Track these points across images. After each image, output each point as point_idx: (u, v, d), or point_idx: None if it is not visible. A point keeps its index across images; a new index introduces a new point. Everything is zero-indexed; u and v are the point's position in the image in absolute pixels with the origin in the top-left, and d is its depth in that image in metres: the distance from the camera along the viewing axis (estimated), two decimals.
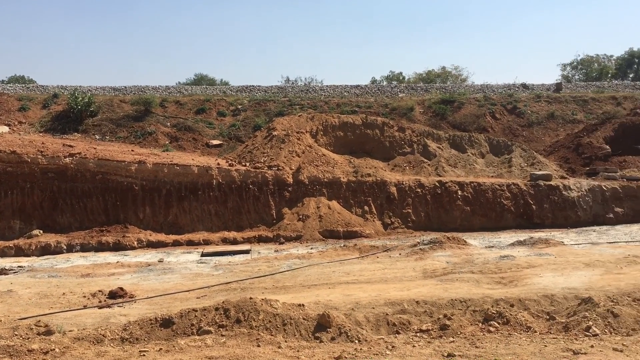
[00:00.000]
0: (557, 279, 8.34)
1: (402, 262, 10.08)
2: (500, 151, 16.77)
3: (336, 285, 8.56)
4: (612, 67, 39.40)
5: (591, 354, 4.66)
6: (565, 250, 10.71)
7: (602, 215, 14.38)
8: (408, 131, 16.91)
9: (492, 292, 7.76)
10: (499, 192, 14.39)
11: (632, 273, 8.70)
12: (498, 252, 10.53)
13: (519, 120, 20.09)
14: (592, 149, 17.06)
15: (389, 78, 36.89)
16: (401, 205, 14.16)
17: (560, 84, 25.30)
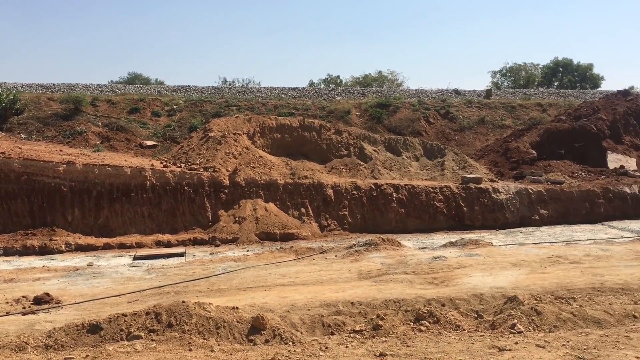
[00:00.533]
0: (486, 279, 8.62)
1: (338, 263, 10.16)
2: (434, 155, 17.19)
3: (272, 287, 8.53)
4: (539, 75, 41.24)
5: (515, 350, 4.86)
6: (494, 250, 11.08)
7: (529, 217, 14.97)
8: (345, 134, 17.07)
9: (425, 292, 7.95)
10: (433, 194, 14.74)
11: (555, 272, 9.11)
12: (431, 253, 10.79)
13: (451, 125, 20.69)
14: (520, 154, 17.75)
15: (327, 81, 37.20)
16: (338, 207, 14.27)
17: (490, 90, 26.24)
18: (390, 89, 28.56)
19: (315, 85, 35.10)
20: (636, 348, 5.17)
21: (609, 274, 8.89)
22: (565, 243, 12.19)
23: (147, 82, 33.32)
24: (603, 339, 5.39)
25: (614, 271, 9.07)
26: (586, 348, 5.10)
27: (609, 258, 10.18)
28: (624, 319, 6.13)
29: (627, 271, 9.06)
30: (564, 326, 5.86)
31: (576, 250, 11.08)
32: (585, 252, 10.80)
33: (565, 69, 40.89)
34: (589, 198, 15.48)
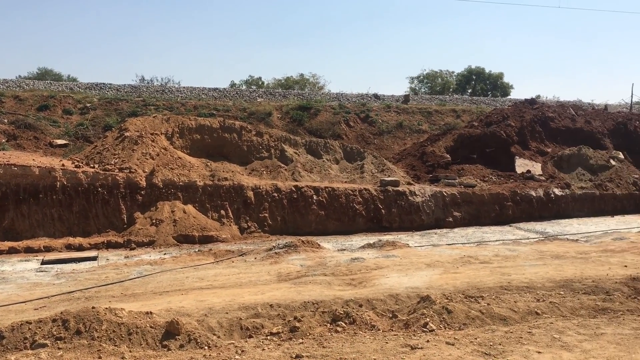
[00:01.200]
0: (402, 279, 8.84)
1: (257, 266, 10.11)
2: (354, 158, 17.46)
3: (189, 291, 8.36)
4: (454, 82, 42.90)
5: (426, 348, 5.02)
6: (410, 252, 11.39)
7: (443, 219, 15.50)
8: (266, 136, 17.02)
9: (343, 293, 8.05)
10: (352, 197, 14.96)
11: (467, 272, 9.48)
12: (350, 255, 10.94)
13: (371, 129, 21.11)
14: (435, 158, 18.37)
15: (248, 82, 36.97)
16: (258, 209, 14.21)
17: (408, 95, 27.01)
18: (312, 92, 28.78)
19: (236, 86, 34.81)
20: (537, 343, 5.49)
21: (516, 273, 9.35)
22: (477, 244, 12.72)
23: (58, 78, 31.83)
24: (508, 335, 5.69)
25: (520, 270, 9.55)
26: (492, 344, 5.37)
27: (515, 258, 10.70)
28: (528, 316, 6.48)
29: (531, 270, 9.56)
30: (473, 324, 6.12)
31: (486, 250, 11.58)
32: (495, 252, 11.31)
33: (478, 77, 42.82)
34: (499, 201, 16.23)
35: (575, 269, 9.64)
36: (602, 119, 22.37)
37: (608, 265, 9.96)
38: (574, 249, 11.71)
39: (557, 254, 11.09)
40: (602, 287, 8.48)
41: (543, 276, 9.11)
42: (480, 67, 43.10)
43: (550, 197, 16.82)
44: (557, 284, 8.60)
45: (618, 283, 8.69)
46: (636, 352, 5.34)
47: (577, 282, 8.75)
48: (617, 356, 5.23)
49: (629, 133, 21.63)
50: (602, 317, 6.57)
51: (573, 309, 6.78)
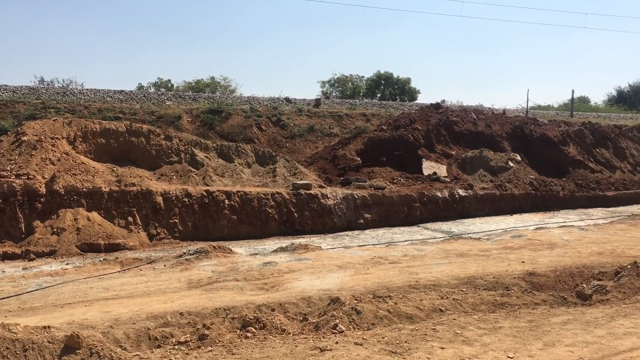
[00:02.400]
0: (314, 282, 8.93)
1: (166, 273, 9.85)
2: (266, 161, 17.41)
3: (94, 302, 8.02)
4: (364, 86, 43.84)
5: (335, 350, 5.10)
6: (322, 254, 11.51)
7: (354, 221, 15.77)
8: (175, 140, 16.63)
9: (255, 298, 8.02)
10: (264, 200, 14.91)
11: (377, 272, 9.71)
12: (262, 259, 10.90)
13: (282, 132, 21.13)
14: (346, 161, 18.67)
15: (157, 85, 35.98)
16: (168, 215, 13.84)
17: (319, 99, 27.30)
18: (223, 95, 28.42)
19: (144, 88, 33.73)
20: (441, 339, 5.71)
21: (423, 272, 9.69)
22: (387, 245, 13.05)
23: None
24: (414, 332, 5.89)
25: (427, 269, 9.91)
26: (399, 342, 5.53)
27: (423, 257, 11.09)
28: (432, 313, 6.73)
29: (438, 269, 9.95)
30: (381, 323, 6.27)
31: (395, 251, 11.91)
32: (404, 252, 11.66)
33: (387, 82, 44.02)
34: (407, 202, 16.73)
35: (477, 266, 10.12)
36: (501, 123, 23.64)
37: (507, 262, 10.54)
38: (476, 247, 12.29)
39: (461, 252, 11.59)
40: (502, 282, 8.97)
41: (448, 274, 9.51)
42: (389, 72, 44.32)
43: (455, 198, 17.54)
44: (461, 281, 9.00)
45: (516, 278, 9.23)
46: (530, 343, 5.68)
47: (480, 278, 9.20)
48: (514, 348, 5.54)
49: (525, 136, 22.98)
50: (501, 312, 6.94)
51: (474, 305, 7.12)
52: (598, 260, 10.58)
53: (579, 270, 9.73)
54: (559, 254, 11.37)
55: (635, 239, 12.95)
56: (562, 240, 12.88)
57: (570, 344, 5.67)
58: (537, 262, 10.46)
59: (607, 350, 5.50)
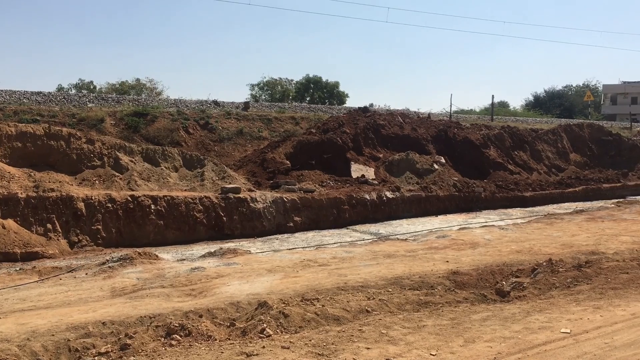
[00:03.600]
0: (243, 286, 8.85)
1: (88, 282, 9.49)
2: (194, 165, 17.13)
3: (9, 314, 7.61)
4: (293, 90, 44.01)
5: (262, 354, 5.08)
6: (251, 258, 11.44)
7: (284, 224, 15.78)
8: (98, 143, 16.06)
9: (183, 304, 7.86)
10: (192, 205, 14.66)
11: (307, 275, 9.75)
12: (190, 265, 10.71)
13: (211, 136, 20.86)
14: (275, 164, 18.65)
15: (78, 86, 34.67)
16: (90, 221, 13.35)
17: (248, 103, 27.13)
18: (149, 98, 27.75)
19: (64, 90, 32.42)
20: (367, 340, 5.81)
21: (352, 273, 9.81)
22: (316, 247, 13.13)
23: None
24: (340, 334, 5.95)
25: (355, 271, 10.04)
26: (325, 344, 5.58)
27: (352, 259, 11.22)
28: (359, 314, 6.83)
29: (366, 270, 10.10)
30: (308, 326, 6.31)
31: (325, 253, 12.00)
32: (333, 254, 11.76)
33: (316, 86, 44.39)
34: (336, 205, 16.90)
35: (404, 267, 10.35)
36: (426, 127, 24.32)
37: (433, 262, 10.84)
38: (403, 247, 12.56)
39: (388, 253, 11.82)
40: (428, 282, 9.21)
41: (376, 275, 9.66)
42: (318, 76, 44.72)
43: (383, 200, 17.87)
44: (388, 282, 9.17)
45: (441, 277, 9.50)
46: (452, 340, 5.87)
47: (406, 278, 9.40)
48: (436, 345, 5.70)
49: (449, 139, 23.74)
50: (425, 311, 7.14)
51: (400, 305, 7.28)
52: (517, 258, 11.04)
53: (499, 268, 10.11)
54: (481, 252, 11.79)
55: (551, 237, 13.62)
56: (483, 240, 13.37)
57: (489, 339, 5.90)
58: (460, 261, 10.79)
59: (523, 344, 5.76)
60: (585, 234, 14.13)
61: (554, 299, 7.71)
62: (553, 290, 8.24)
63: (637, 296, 7.82)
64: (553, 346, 5.73)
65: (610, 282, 8.53)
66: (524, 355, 5.46)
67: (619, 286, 8.31)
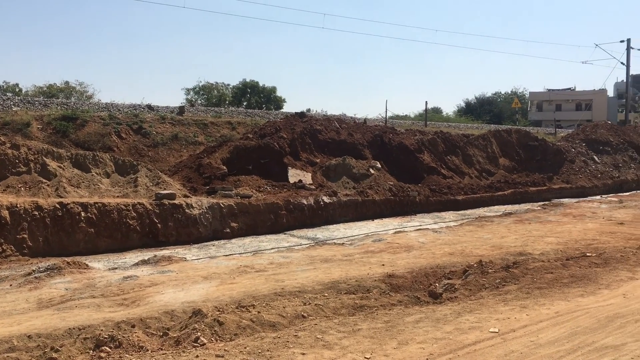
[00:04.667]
0: (178, 294, 8.69)
1: (13, 294, 9.06)
2: (127, 171, 16.67)
3: None
4: (230, 94, 43.64)
5: None
6: (187, 265, 11.25)
7: (221, 230, 15.60)
8: (24, 149, 15.37)
9: (114, 314, 7.63)
10: (125, 212, 14.27)
11: (244, 282, 9.67)
12: (122, 273, 10.41)
13: (144, 141, 20.40)
14: (212, 169, 18.42)
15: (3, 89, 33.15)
16: (15, 230, 12.75)
17: (183, 107, 26.71)
18: (79, 101, 26.85)
19: None
20: (302, 345, 5.82)
21: (289, 278, 9.80)
22: (253, 253, 13.05)
23: None
24: (276, 340, 5.94)
25: (292, 276, 10.04)
26: (261, 351, 5.55)
27: (289, 264, 11.22)
28: (295, 320, 6.84)
29: (303, 275, 10.12)
30: (244, 333, 6.26)
31: (262, 259, 11.94)
32: (270, 260, 11.72)
33: (253, 91, 44.18)
34: (274, 210, 16.85)
35: (341, 271, 10.44)
36: (363, 132, 24.65)
37: (369, 265, 10.98)
38: (340, 252, 12.67)
39: (326, 257, 11.89)
40: (364, 285, 9.32)
41: (313, 280, 9.70)
42: (255, 81, 44.52)
43: (320, 205, 17.97)
44: (325, 286, 9.22)
45: (377, 281, 9.64)
46: (386, 343, 5.97)
47: (343, 282, 9.48)
48: (371, 349, 5.79)
49: (385, 144, 24.15)
50: (360, 314, 7.23)
51: (335, 309, 7.34)
52: (449, 260, 11.34)
53: (433, 270, 10.36)
54: (416, 255, 12.04)
55: (482, 239, 14.08)
56: (418, 243, 13.66)
57: (422, 341, 6.03)
58: (396, 265, 10.98)
59: (454, 345, 5.93)
60: (514, 235, 14.68)
61: (484, 300, 7.97)
62: (483, 291, 8.52)
63: (561, 295, 8.20)
64: (482, 345, 5.92)
65: (536, 282, 8.91)
66: (454, 356, 5.62)
67: (544, 286, 8.69)
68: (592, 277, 9.30)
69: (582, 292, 8.39)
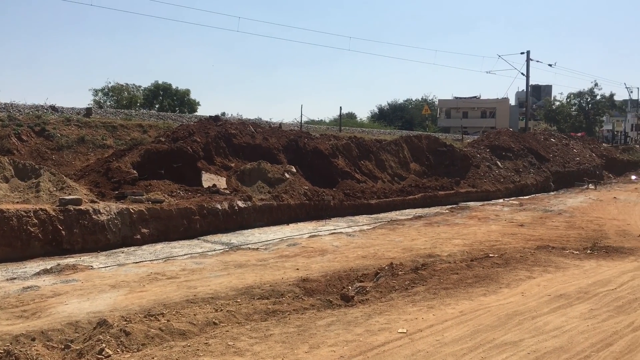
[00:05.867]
0: (83, 305, 8.32)
1: None
2: (28, 175, 15.78)
3: None
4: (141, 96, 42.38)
5: None
6: (93, 274, 10.79)
7: (131, 237, 15.09)
8: None
9: (13, 327, 7.20)
10: (26, 219, 13.49)
11: (154, 289, 9.40)
12: (21, 284, 9.83)
13: (48, 143, 19.38)
14: (121, 174, 17.78)
15: None
16: None
17: (90, 109, 25.65)
18: None
19: None
20: (213, 353, 5.74)
21: (202, 285, 9.64)
22: (165, 260, 12.72)
23: None
24: (185, 349, 5.81)
25: (205, 282, 9.88)
26: None
27: (202, 270, 11.03)
28: (206, 327, 6.73)
29: (216, 281, 9.98)
30: (152, 343, 6.08)
31: (174, 265, 11.66)
32: (182, 266, 11.47)
33: (166, 93, 43.11)
34: (187, 215, 16.51)
35: (255, 276, 10.39)
36: (278, 136, 24.69)
37: (284, 270, 11.00)
38: (255, 257, 12.61)
39: (240, 263, 11.79)
40: (278, 290, 9.33)
41: (227, 285, 9.60)
42: (167, 83, 43.48)
43: (235, 210, 17.80)
44: (239, 292, 9.16)
45: (291, 285, 9.68)
46: (298, 347, 6.00)
47: (257, 287, 9.45)
48: (282, 354, 5.79)
49: (300, 149, 24.31)
50: (272, 319, 7.22)
51: (248, 315, 7.29)
52: (362, 263, 11.57)
53: (346, 274, 10.53)
54: (330, 259, 12.19)
55: (393, 242, 14.47)
56: (332, 247, 13.83)
57: (333, 344, 6.11)
58: (310, 269, 11.07)
59: (364, 346, 6.05)
60: (424, 238, 15.20)
61: (394, 301, 8.19)
62: (393, 292, 8.75)
63: (465, 295, 8.58)
64: (391, 346, 6.08)
65: (442, 282, 9.26)
66: (364, 357, 5.73)
67: (450, 286, 9.05)
68: (494, 277, 9.79)
69: (484, 291, 8.82)
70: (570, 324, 7.09)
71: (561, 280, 9.63)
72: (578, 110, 77.30)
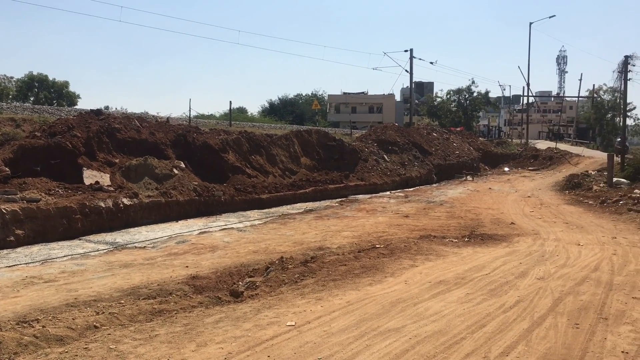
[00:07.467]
0: None
1: None
2: None
3: None
4: (13, 88, 39.49)
5: None
6: None
7: (3, 239, 14.03)
8: None
9: None
10: None
11: (29, 294, 8.82)
12: None
13: None
14: None
15: None
16: None
17: None
18: None
19: None
20: (93, 358, 5.49)
21: (83, 287, 9.18)
22: (42, 262, 11.97)
23: None
24: (63, 355, 5.51)
25: (88, 284, 9.42)
26: None
27: (84, 272, 10.51)
28: (86, 331, 6.41)
29: (100, 282, 9.55)
30: (26, 351, 5.70)
31: (52, 268, 11.02)
32: (62, 269, 10.86)
33: (41, 85, 40.36)
34: (67, 214, 15.61)
35: (142, 276, 10.05)
36: (165, 131, 23.97)
37: (172, 268, 10.74)
38: (142, 256, 12.19)
39: (125, 262, 11.36)
40: (166, 289, 9.09)
41: (111, 287, 9.21)
42: (43, 75, 40.69)
43: (120, 207, 17.08)
44: (124, 293, 8.82)
45: (180, 283, 9.47)
46: (184, 346, 5.89)
47: (144, 287, 9.15)
48: (168, 354, 5.66)
49: (189, 144, 23.77)
50: (158, 319, 7.03)
51: (132, 316, 7.04)
52: (254, 259, 11.57)
53: (237, 269, 10.48)
54: (220, 255, 12.06)
55: (285, 237, 14.58)
56: (223, 243, 13.69)
57: (221, 340, 6.06)
58: (200, 266, 10.89)
59: (253, 341, 6.05)
60: (314, 231, 15.44)
61: (283, 295, 8.27)
62: (283, 286, 8.83)
63: (352, 285, 8.83)
64: (279, 339, 6.13)
65: (331, 274, 9.47)
66: (252, 352, 5.73)
67: (338, 277, 9.28)
68: (379, 266, 10.16)
69: (370, 281, 9.13)
70: (448, 308, 7.52)
71: (441, 268, 10.18)
72: (457, 106, 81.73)
